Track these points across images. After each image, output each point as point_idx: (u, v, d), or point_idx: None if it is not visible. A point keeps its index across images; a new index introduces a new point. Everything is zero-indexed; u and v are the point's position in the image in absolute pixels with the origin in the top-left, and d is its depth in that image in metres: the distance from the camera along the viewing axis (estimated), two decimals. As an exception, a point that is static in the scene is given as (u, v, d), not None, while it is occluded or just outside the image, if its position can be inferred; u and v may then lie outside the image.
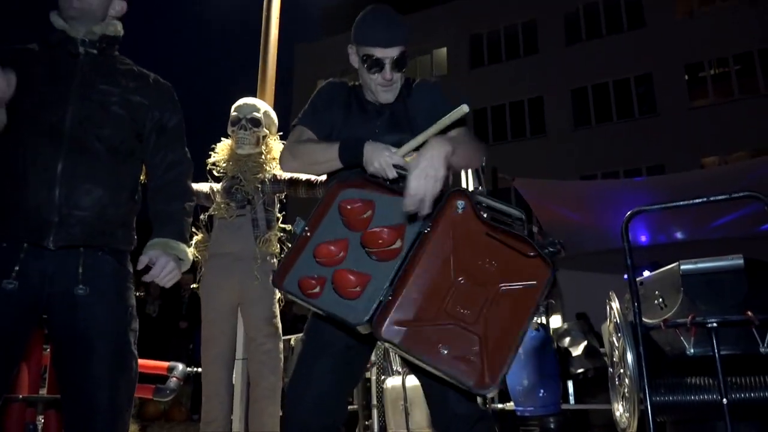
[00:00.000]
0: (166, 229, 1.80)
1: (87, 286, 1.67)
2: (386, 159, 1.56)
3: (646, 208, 2.99)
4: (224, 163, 3.26)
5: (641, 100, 16.65)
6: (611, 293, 3.13)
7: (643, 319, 2.68)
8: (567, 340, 5.31)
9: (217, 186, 3.28)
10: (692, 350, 2.63)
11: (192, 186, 1.97)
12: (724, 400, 2.39)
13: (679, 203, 2.90)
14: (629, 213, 2.77)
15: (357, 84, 1.89)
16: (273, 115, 3.38)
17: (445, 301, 1.44)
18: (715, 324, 2.49)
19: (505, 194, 15.11)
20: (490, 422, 1.68)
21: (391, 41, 1.71)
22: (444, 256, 1.50)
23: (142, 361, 4.21)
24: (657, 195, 6.57)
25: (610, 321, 3.14)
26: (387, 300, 1.43)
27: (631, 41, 16.71)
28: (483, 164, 1.77)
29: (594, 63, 16.90)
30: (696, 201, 2.81)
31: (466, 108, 1.61)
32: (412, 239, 1.50)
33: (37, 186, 1.64)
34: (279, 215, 3.26)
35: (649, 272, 3.28)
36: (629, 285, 2.69)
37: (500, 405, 4.44)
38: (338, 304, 1.46)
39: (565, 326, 5.76)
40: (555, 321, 9.77)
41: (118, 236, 1.77)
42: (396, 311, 1.43)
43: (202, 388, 3.17)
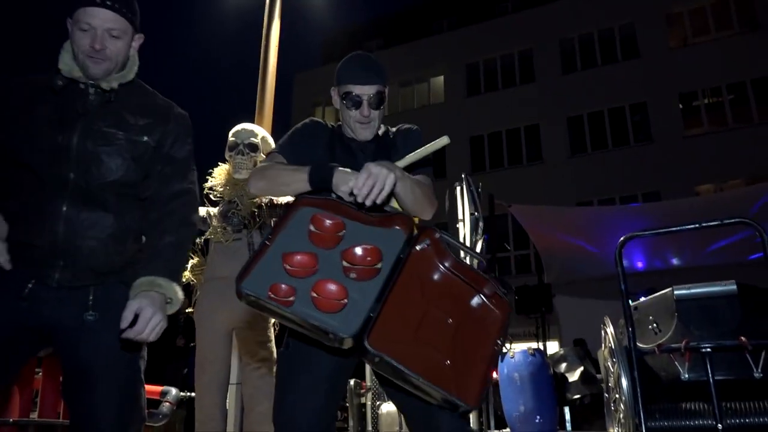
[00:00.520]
0: (155, 265, 1.66)
1: (96, 312, 1.65)
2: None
3: (640, 234, 3.01)
4: (221, 188, 3.28)
5: (636, 128, 16.82)
6: (606, 318, 3.14)
7: (638, 344, 2.69)
8: (563, 366, 5.29)
9: (214, 210, 3.30)
10: (687, 375, 2.64)
11: (196, 217, 1.85)
12: (719, 426, 2.39)
13: (672, 229, 2.94)
14: (622, 238, 2.79)
15: (338, 125, 1.96)
16: (270, 141, 3.42)
17: (419, 326, 1.51)
18: (709, 349, 2.50)
19: (502, 220, 15.19)
20: None
21: (368, 79, 1.82)
22: (416, 284, 1.57)
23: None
24: (653, 221, 6.61)
25: (605, 346, 3.14)
26: (375, 315, 1.43)
27: (626, 70, 16.95)
28: (429, 218, 1.83)
29: (589, 91, 17.11)
30: (689, 227, 2.85)
31: (447, 139, 1.73)
32: (392, 263, 1.55)
33: (42, 233, 1.61)
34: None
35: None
36: (623, 310, 2.71)
37: (497, 431, 4.40)
38: (315, 315, 1.43)
39: (562, 352, 5.74)
40: (552, 347, 9.73)
41: (126, 274, 1.73)
42: (383, 327, 1.43)
43: (196, 413, 3.14)
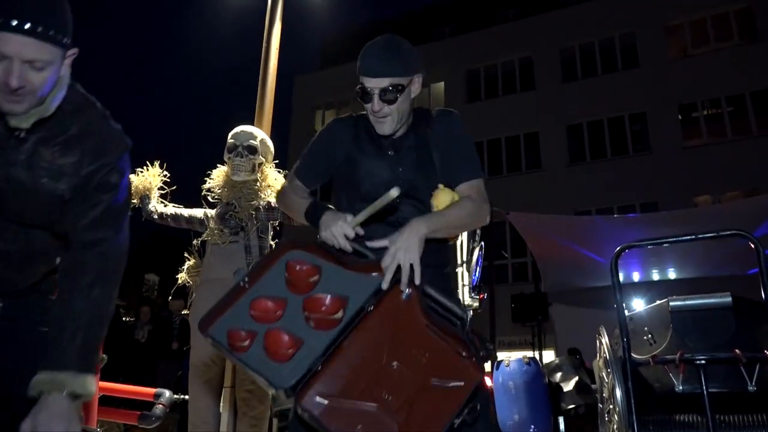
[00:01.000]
0: (59, 354, 1.34)
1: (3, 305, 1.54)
2: (338, 228, 1.59)
3: (635, 244, 3.02)
4: (219, 190, 3.28)
5: (635, 138, 16.86)
6: (601, 328, 3.13)
7: (632, 355, 2.69)
8: (558, 375, 5.28)
9: (212, 212, 3.30)
10: (681, 387, 2.63)
11: (119, 273, 1.50)
12: (713, 439, 2.38)
13: (669, 239, 2.94)
14: (618, 248, 2.79)
15: (364, 114, 1.85)
16: (269, 143, 3.42)
17: (372, 383, 1.41)
18: (704, 361, 2.49)
19: (500, 227, 15.18)
20: None
21: (379, 72, 1.68)
22: (380, 338, 1.47)
23: (129, 387, 4.18)
24: (650, 231, 6.61)
25: (600, 356, 3.14)
26: (316, 369, 1.38)
27: (626, 80, 17.00)
28: (485, 224, 1.79)
29: (589, 100, 17.15)
30: (685, 238, 2.85)
31: (395, 193, 1.56)
32: (353, 314, 1.47)
33: None
34: (272, 242, 3.27)
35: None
36: (618, 320, 2.70)
37: (490, 440, 4.39)
38: (264, 363, 1.40)
39: (557, 361, 5.74)
40: (548, 355, 9.73)
41: (40, 288, 1.60)
42: (322, 383, 1.37)
43: (189, 416, 3.13)
